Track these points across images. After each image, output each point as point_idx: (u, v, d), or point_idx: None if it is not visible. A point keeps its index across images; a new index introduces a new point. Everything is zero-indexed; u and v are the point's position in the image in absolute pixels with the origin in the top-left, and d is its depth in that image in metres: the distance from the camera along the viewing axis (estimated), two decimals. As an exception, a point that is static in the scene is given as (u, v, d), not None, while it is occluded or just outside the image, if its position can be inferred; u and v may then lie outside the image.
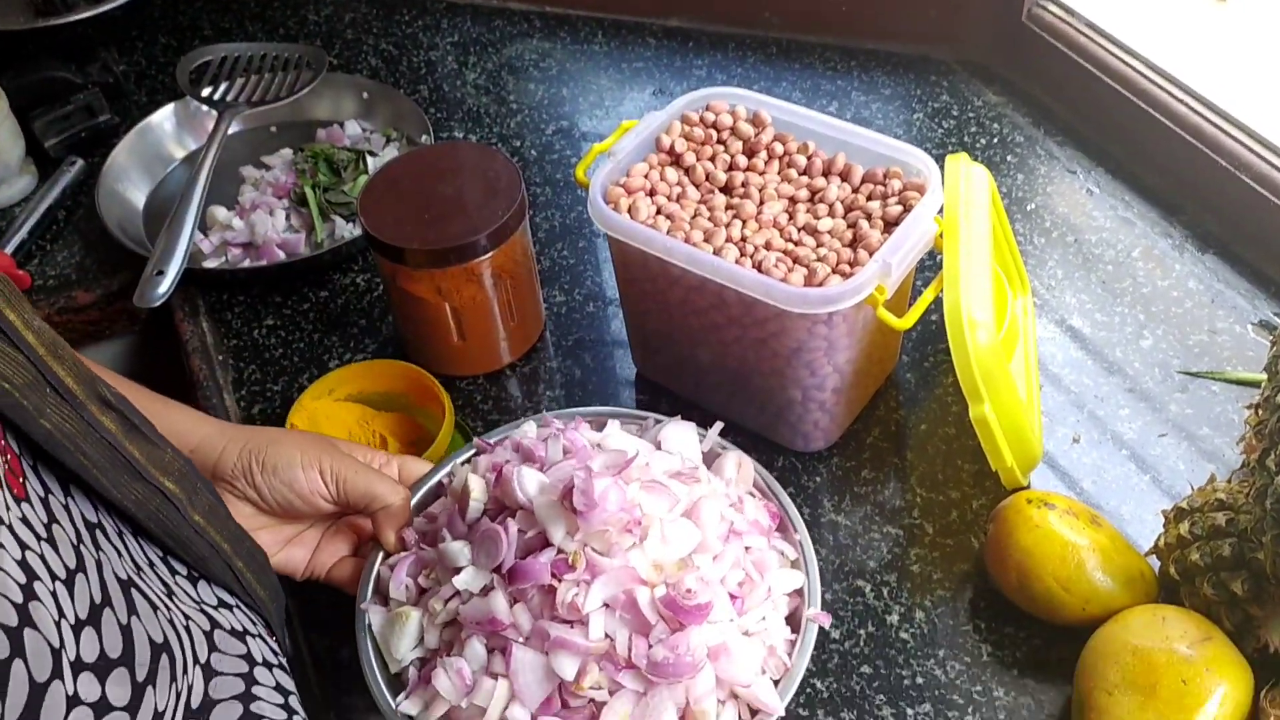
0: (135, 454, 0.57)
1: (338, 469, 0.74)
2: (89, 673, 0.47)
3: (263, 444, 0.74)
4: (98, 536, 0.53)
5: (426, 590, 0.70)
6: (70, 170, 1.20)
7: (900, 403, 0.92)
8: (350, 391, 0.91)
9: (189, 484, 0.62)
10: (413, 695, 0.67)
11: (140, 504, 0.57)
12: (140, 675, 0.50)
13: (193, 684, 0.56)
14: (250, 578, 0.66)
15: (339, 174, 1.13)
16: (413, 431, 0.91)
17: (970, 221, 0.79)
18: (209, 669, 0.58)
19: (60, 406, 0.51)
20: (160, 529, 0.58)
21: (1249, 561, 0.69)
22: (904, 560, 0.82)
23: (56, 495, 0.51)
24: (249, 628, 0.65)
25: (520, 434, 0.76)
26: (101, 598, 0.50)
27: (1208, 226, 1.01)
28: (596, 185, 0.83)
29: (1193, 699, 0.65)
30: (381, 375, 0.91)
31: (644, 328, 0.90)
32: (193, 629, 0.58)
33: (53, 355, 0.52)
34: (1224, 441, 0.86)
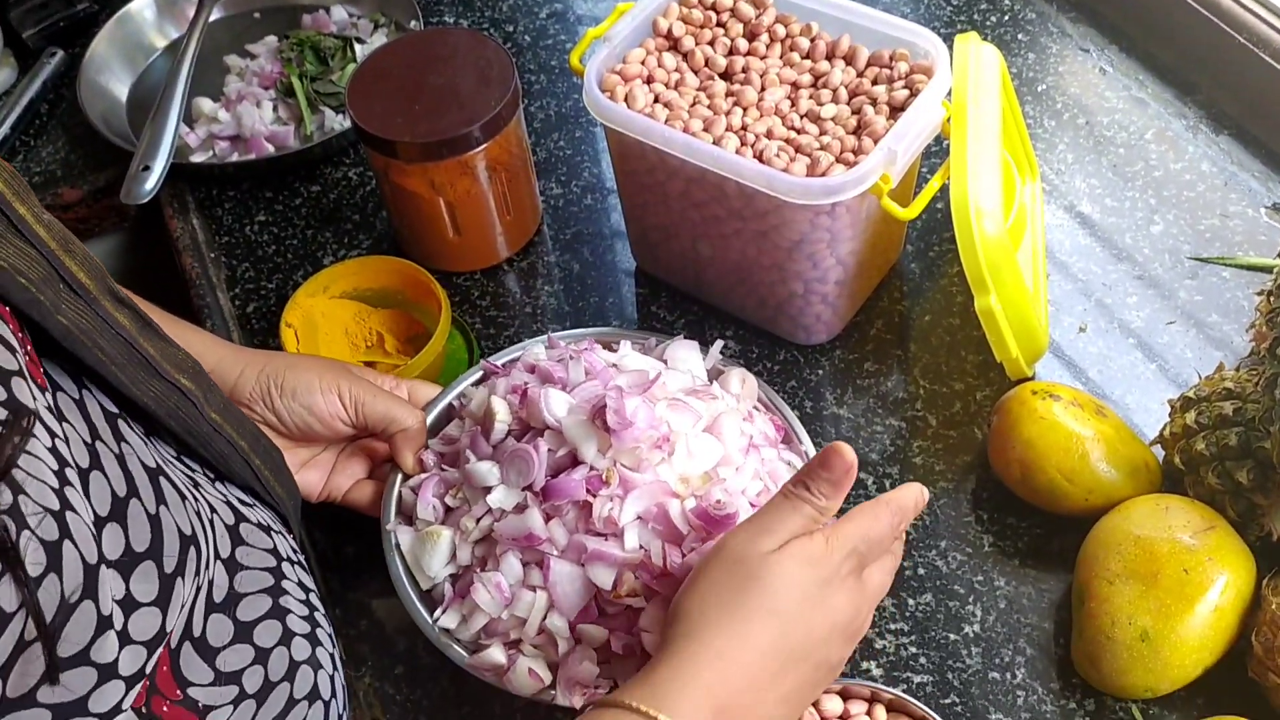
0: (150, 350, 0.56)
1: (355, 393, 0.74)
2: (113, 569, 0.46)
3: (280, 368, 0.74)
4: (120, 427, 0.52)
5: (454, 509, 0.72)
6: (50, 62, 1.17)
7: (904, 294, 0.90)
8: (345, 288, 0.89)
9: (204, 381, 0.61)
10: (450, 609, 0.69)
11: (159, 401, 0.55)
12: (169, 567, 0.50)
13: (214, 579, 0.56)
14: (269, 475, 0.66)
15: (326, 63, 1.10)
16: (409, 328, 0.90)
17: (979, 105, 0.77)
18: (234, 563, 0.58)
19: (74, 302, 0.50)
20: (180, 426, 0.57)
21: (1255, 451, 0.68)
22: (906, 452, 0.81)
23: (69, 391, 0.50)
24: (272, 524, 0.65)
25: (531, 356, 0.77)
26: (127, 489, 0.49)
27: (1223, 106, 0.98)
28: (591, 73, 0.80)
29: (1194, 588, 0.65)
30: (377, 271, 0.90)
31: (643, 221, 0.88)
32: (216, 523, 0.57)
33: (64, 249, 0.51)
34: (1233, 329, 0.85)
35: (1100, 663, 0.67)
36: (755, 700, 0.54)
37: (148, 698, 0.50)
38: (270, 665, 0.58)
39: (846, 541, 0.57)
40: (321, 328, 0.87)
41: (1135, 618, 0.66)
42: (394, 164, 0.86)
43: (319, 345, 0.86)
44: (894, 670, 0.72)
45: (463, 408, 0.78)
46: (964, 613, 0.74)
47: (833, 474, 0.57)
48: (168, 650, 0.52)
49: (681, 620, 0.56)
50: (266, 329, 0.94)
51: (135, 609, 0.47)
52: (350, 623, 0.77)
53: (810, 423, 0.83)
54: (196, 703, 0.53)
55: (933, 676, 0.71)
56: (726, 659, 0.53)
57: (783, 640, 0.55)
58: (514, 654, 0.66)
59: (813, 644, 0.56)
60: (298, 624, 0.61)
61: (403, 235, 0.95)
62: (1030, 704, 0.70)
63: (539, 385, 0.71)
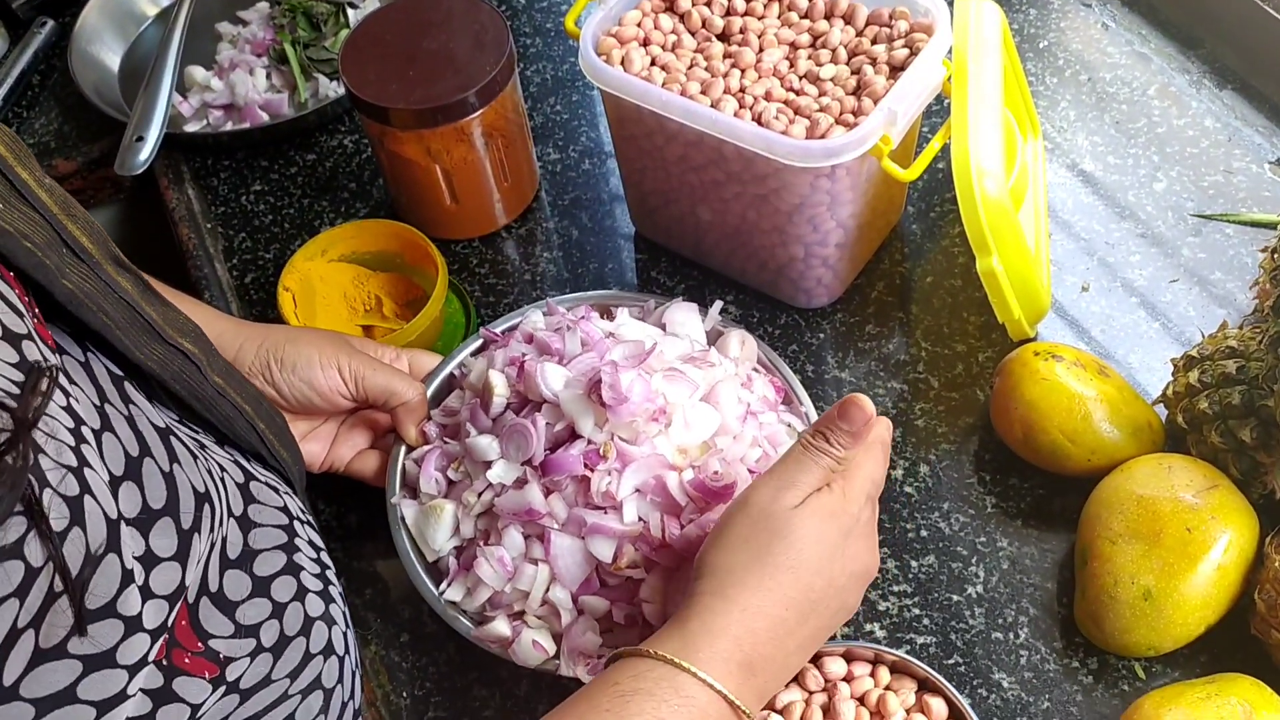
0: (152, 314, 0.56)
1: (355, 367, 0.74)
2: (131, 528, 0.47)
3: (280, 342, 0.73)
4: (126, 389, 0.52)
5: (456, 483, 0.72)
6: (41, 32, 1.16)
7: (905, 255, 0.90)
8: (344, 251, 0.89)
9: (205, 345, 0.61)
10: (455, 583, 0.70)
11: (163, 364, 0.56)
12: (185, 522, 0.50)
13: (228, 535, 0.56)
14: (273, 439, 0.66)
15: (319, 28, 1.08)
16: (408, 291, 0.89)
17: (980, 64, 0.76)
18: (246, 520, 0.59)
19: (78, 266, 0.50)
20: (185, 390, 0.58)
21: (1258, 409, 0.68)
22: (908, 415, 0.81)
23: (74, 355, 0.50)
24: (277, 484, 0.65)
25: (529, 324, 0.77)
26: (139, 448, 0.49)
27: (1227, 60, 0.97)
28: (587, 36, 0.79)
29: (1197, 547, 0.65)
30: (375, 235, 0.89)
31: (641, 186, 0.87)
32: (228, 481, 0.58)
33: (66, 214, 0.51)
34: (1236, 286, 0.84)
35: (1103, 622, 0.67)
36: (778, 649, 0.56)
37: (168, 650, 0.50)
38: (286, 620, 0.58)
39: (861, 491, 0.59)
40: (319, 292, 0.86)
41: (1138, 577, 0.66)
42: (389, 131, 0.85)
43: (316, 309, 0.86)
44: (897, 632, 0.72)
45: (463, 378, 0.78)
46: (967, 574, 0.74)
47: (853, 425, 0.59)
48: (186, 605, 0.52)
49: (708, 575, 0.57)
50: (265, 299, 0.93)
51: (156, 564, 0.48)
52: (355, 591, 0.78)
53: (811, 386, 0.83)
54: (218, 654, 0.54)
55: (936, 637, 0.71)
56: (752, 613, 0.55)
57: (807, 593, 0.57)
58: (518, 625, 0.67)
59: (833, 592, 0.58)
60: (311, 581, 0.61)
61: (400, 203, 0.95)
62: (1033, 663, 0.70)
63: (536, 358, 0.71)
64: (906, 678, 0.66)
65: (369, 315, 0.88)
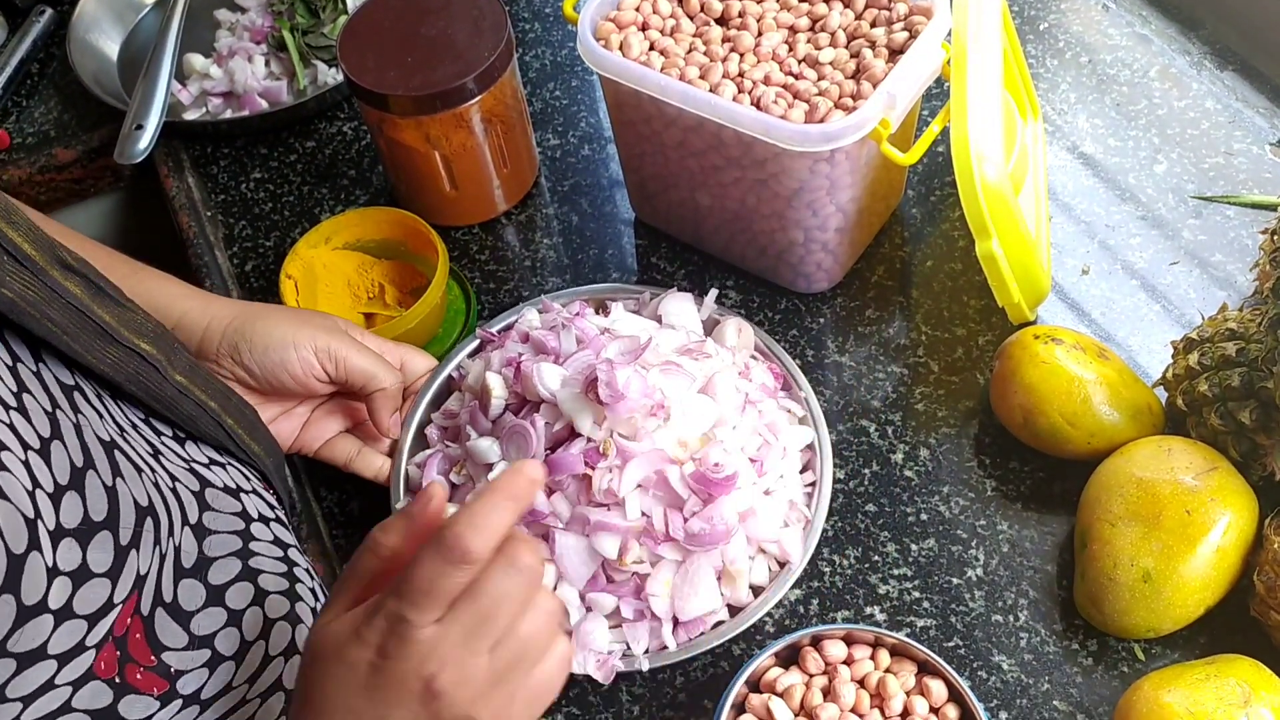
0: (105, 317, 0.55)
1: (335, 348, 0.72)
2: (70, 539, 0.47)
3: (249, 320, 0.71)
4: (76, 399, 0.52)
5: (460, 486, 0.72)
6: (39, 21, 1.16)
7: (905, 239, 0.90)
8: (347, 239, 0.88)
9: (166, 344, 0.61)
10: None
11: (117, 367, 0.56)
12: (124, 538, 0.50)
13: (181, 545, 0.56)
14: (242, 433, 0.66)
15: (317, 15, 1.08)
16: (411, 279, 0.89)
17: (980, 47, 0.75)
18: (202, 529, 0.58)
19: (20, 273, 0.50)
20: (142, 391, 0.57)
21: (1258, 391, 0.68)
22: (908, 399, 0.81)
23: (26, 363, 0.50)
24: (242, 484, 0.65)
25: (525, 323, 0.77)
26: (84, 460, 0.49)
27: (1228, 42, 0.96)
28: (585, 21, 0.79)
29: (1196, 529, 0.66)
30: (378, 222, 0.88)
31: (641, 172, 0.87)
32: (180, 490, 0.58)
33: (6, 221, 0.50)
34: (1237, 268, 0.84)
35: (1103, 604, 0.68)
36: None
37: (120, 667, 0.50)
38: (244, 625, 0.58)
39: (373, 609, 0.47)
40: (322, 279, 0.86)
41: (1137, 559, 0.66)
42: (388, 118, 0.85)
43: (319, 297, 0.86)
44: (897, 615, 0.72)
45: (461, 380, 0.78)
46: (966, 557, 0.74)
47: (410, 508, 0.49)
48: (140, 618, 0.52)
49: None
50: (266, 287, 0.93)
51: (89, 579, 0.48)
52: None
53: (812, 371, 0.83)
54: (169, 668, 0.54)
55: (936, 620, 0.72)
56: None
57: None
58: None
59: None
60: (272, 582, 0.61)
61: (400, 190, 0.94)
62: (1033, 645, 0.70)
63: (532, 358, 0.71)
64: (906, 660, 0.66)
65: (372, 303, 0.87)
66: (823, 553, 0.75)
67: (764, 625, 0.73)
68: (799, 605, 0.73)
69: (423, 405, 0.78)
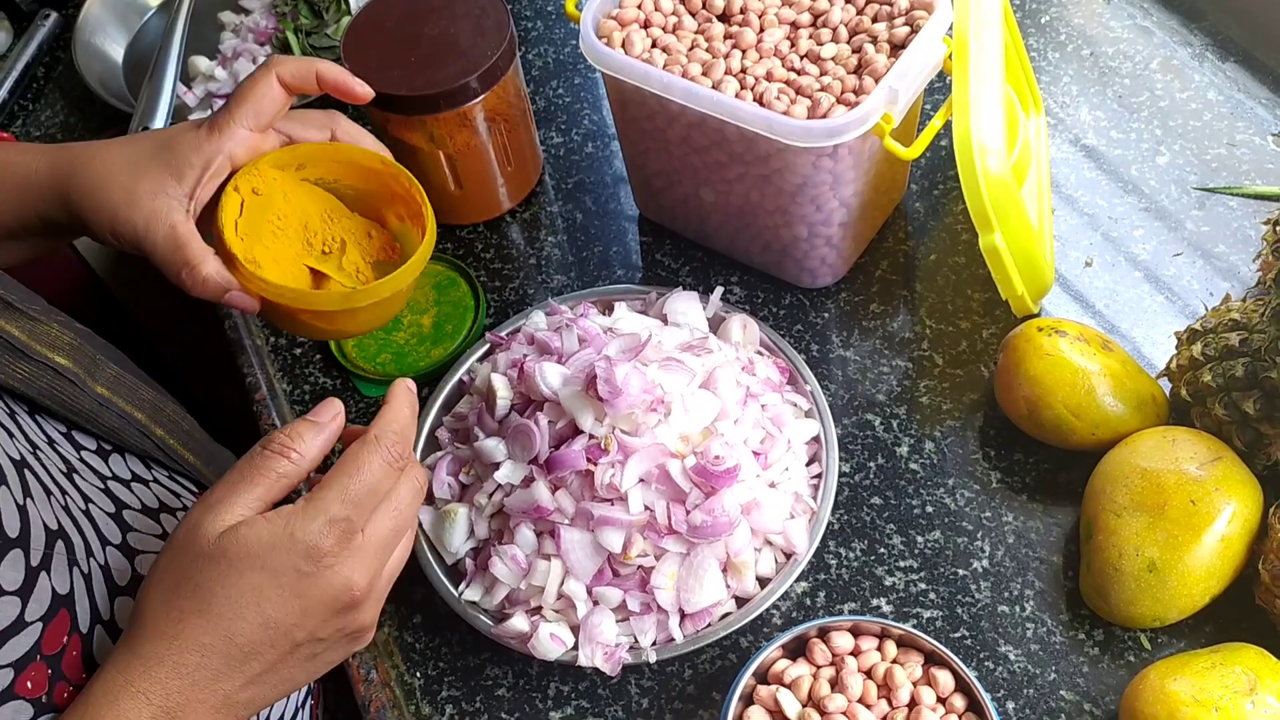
0: (14, 332, 0.55)
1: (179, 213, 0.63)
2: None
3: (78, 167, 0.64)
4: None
5: (469, 486, 0.73)
6: (45, 24, 1.16)
7: (909, 234, 0.90)
8: (322, 175, 0.72)
9: (85, 356, 0.60)
10: (473, 583, 0.71)
11: (28, 382, 0.55)
12: (34, 559, 0.49)
13: (109, 564, 0.55)
14: (174, 444, 0.65)
15: (320, 16, 1.09)
16: (381, 249, 0.74)
17: (981, 40, 0.76)
18: (129, 549, 0.58)
19: None
20: (59, 405, 0.57)
21: (1261, 381, 0.68)
22: (913, 392, 0.81)
23: None
24: (169, 501, 0.64)
25: (531, 325, 0.78)
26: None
27: (1229, 33, 0.97)
28: (588, 18, 0.80)
29: (1201, 518, 0.66)
30: (365, 172, 0.72)
31: (644, 168, 0.88)
32: (94, 512, 0.56)
33: None
34: (1240, 259, 0.84)
35: (1108, 594, 0.68)
36: (208, 693, 0.49)
37: (50, 685, 0.50)
38: None
39: (316, 513, 0.49)
40: (276, 209, 0.69)
41: (1143, 549, 0.67)
42: (392, 118, 0.85)
43: (263, 230, 0.69)
44: (904, 606, 0.73)
45: (470, 383, 0.79)
46: (972, 548, 0.74)
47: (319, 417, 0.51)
48: (79, 636, 0.52)
49: (131, 619, 0.50)
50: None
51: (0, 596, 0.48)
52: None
53: (817, 365, 0.83)
54: None
55: (942, 611, 0.72)
56: (161, 663, 0.48)
57: (229, 641, 0.48)
58: (536, 620, 0.68)
59: (283, 639, 0.49)
60: None
61: None
62: (1039, 635, 0.71)
63: (536, 358, 0.72)
64: (913, 651, 0.67)
65: (325, 260, 0.72)
66: (829, 545, 0.75)
67: (771, 618, 0.73)
68: (806, 598, 0.74)
69: (434, 410, 0.79)
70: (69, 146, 0.65)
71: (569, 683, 0.73)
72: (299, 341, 0.90)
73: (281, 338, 0.91)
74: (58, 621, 0.51)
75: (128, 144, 0.65)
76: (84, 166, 0.63)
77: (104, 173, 0.62)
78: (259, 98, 0.66)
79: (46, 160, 0.64)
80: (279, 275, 0.67)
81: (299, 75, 0.67)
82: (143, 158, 0.63)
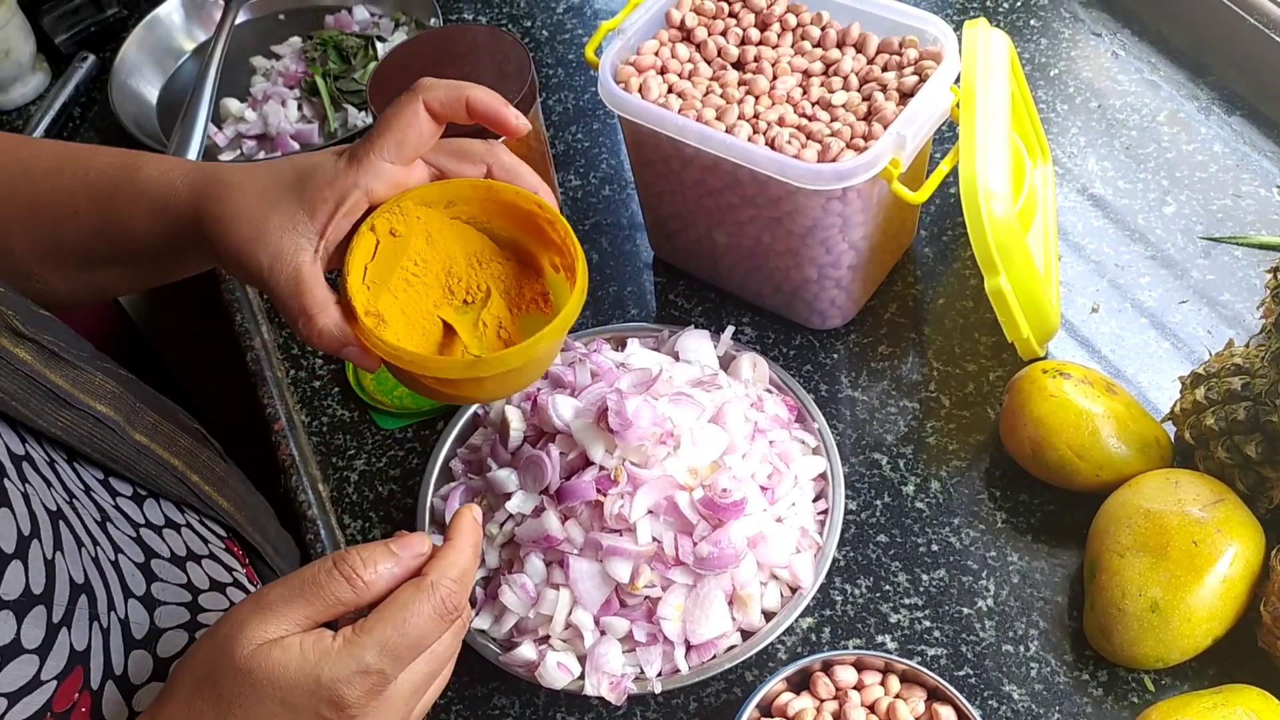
0: (58, 381, 0.56)
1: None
2: (7, 610, 0.47)
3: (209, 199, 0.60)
4: (24, 469, 0.52)
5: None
6: (82, 67, 1.20)
7: (918, 278, 0.92)
8: (475, 214, 0.63)
9: (126, 404, 0.60)
10: (483, 611, 0.72)
11: (70, 430, 0.56)
12: (57, 615, 0.50)
13: (129, 616, 0.56)
14: (209, 490, 0.66)
15: (349, 61, 1.12)
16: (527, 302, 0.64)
17: (988, 89, 0.78)
18: (151, 599, 0.58)
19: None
20: (98, 452, 0.58)
21: (1263, 424, 0.69)
22: (920, 433, 0.83)
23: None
24: (197, 549, 0.64)
25: None
26: (31, 528, 0.49)
27: (1235, 87, 0.99)
28: (606, 65, 0.82)
29: (1203, 559, 0.66)
30: (519, 214, 0.63)
31: (659, 210, 0.90)
32: (122, 563, 0.57)
33: None
34: (1245, 307, 0.86)
35: (1112, 634, 0.68)
36: None
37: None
38: None
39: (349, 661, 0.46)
40: (414, 251, 0.62)
41: (1145, 589, 0.67)
42: None
43: (395, 276, 0.61)
44: (908, 644, 0.73)
45: (484, 416, 0.81)
46: (977, 587, 0.75)
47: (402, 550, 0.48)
48: (90, 693, 0.52)
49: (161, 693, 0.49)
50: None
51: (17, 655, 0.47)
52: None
53: (826, 405, 0.84)
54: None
55: (947, 649, 0.73)
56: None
57: None
58: (544, 649, 0.69)
59: None
60: None
61: None
62: (1044, 675, 0.71)
63: (549, 391, 0.74)
64: (917, 687, 0.67)
65: (463, 313, 0.63)
66: (835, 582, 0.76)
67: (776, 652, 0.74)
68: (811, 633, 0.74)
69: (449, 442, 0.80)
70: (210, 168, 0.61)
71: (575, 713, 0.73)
72: (318, 374, 0.92)
73: (301, 370, 0.93)
74: (72, 679, 0.51)
75: (266, 171, 0.60)
76: (219, 193, 0.59)
77: (238, 201, 0.58)
78: (403, 127, 0.59)
79: (188, 183, 0.60)
80: (405, 329, 0.60)
81: (449, 103, 0.60)
82: (277, 188, 0.58)
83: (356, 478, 0.86)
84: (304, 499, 0.85)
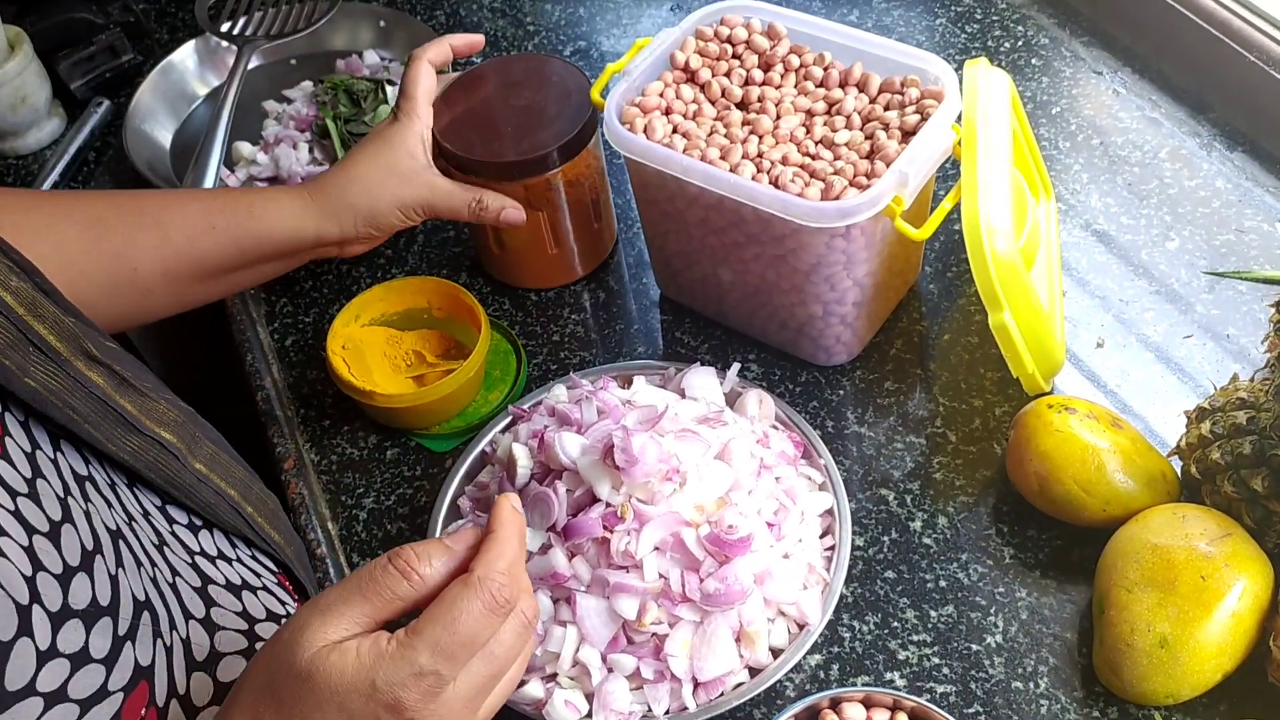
0: (127, 407, 0.57)
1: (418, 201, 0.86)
2: (77, 620, 0.47)
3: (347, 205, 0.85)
4: (87, 489, 0.53)
5: None
6: (97, 112, 1.22)
7: (923, 314, 0.92)
8: (374, 315, 0.93)
9: (188, 433, 0.62)
10: None
11: (136, 455, 0.57)
12: (122, 629, 0.50)
13: (189, 638, 0.56)
14: (261, 521, 0.67)
15: (359, 104, 1.14)
16: (440, 344, 0.93)
17: (989, 127, 0.79)
18: (211, 623, 0.59)
19: (45, 364, 0.52)
20: (160, 478, 0.59)
21: (1269, 458, 0.69)
22: (927, 469, 0.83)
23: (45, 450, 0.51)
24: (250, 580, 0.65)
25: (552, 398, 0.81)
26: (94, 544, 0.50)
27: (1236, 124, 0.99)
28: (611, 106, 0.83)
29: (1211, 594, 0.66)
30: (401, 293, 0.93)
31: (665, 249, 0.91)
32: (180, 585, 0.58)
33: (32, 314, 0.53)
34: (1250, 341, 0.86)
35: (1121, 670, 0.68)
36: None
37: None
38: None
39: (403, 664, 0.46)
40: (365, 354, 0.90)
41: (1154, 625, 0.67)
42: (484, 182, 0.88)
43: (370, 368, 0.89)
44: (917, 680, 0.73)
45: (492, 454, 0.81)
46: (986, 623, 0.75)
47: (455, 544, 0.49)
48: (156, 709, 0.53)
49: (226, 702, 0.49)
50: (305, 361, 0.97)
51: (86, 664, 0.48)
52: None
53: (832, 442, 0.85)
54: None
55: (956, 686, 0.72)
56: None
57: None
58: (551, 687, 0.69)
59: None
60: None
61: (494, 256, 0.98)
62: (1054, 713, 0.71)
63: (556, 428, 0.74)
64: (925, 724, 0.67)
65: (412, 369, 0.91)
66: (843, 618, 0.76)
67: (785, 689, 0.74)
68: (819, 670, 0.74)
69: (457, 479, 0.81)
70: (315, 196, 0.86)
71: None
72: (327, 412, 0.93)
73: (311, 409, 0.93)
74: (138, 693, 0.51)
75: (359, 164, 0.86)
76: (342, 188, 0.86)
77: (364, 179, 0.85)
78: (421, 78, 0.87)
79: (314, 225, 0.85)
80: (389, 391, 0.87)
81: (440, 55, 0.88)
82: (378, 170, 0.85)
83: (366, 516, 0.86)
84: (313, 538, 0.85)
